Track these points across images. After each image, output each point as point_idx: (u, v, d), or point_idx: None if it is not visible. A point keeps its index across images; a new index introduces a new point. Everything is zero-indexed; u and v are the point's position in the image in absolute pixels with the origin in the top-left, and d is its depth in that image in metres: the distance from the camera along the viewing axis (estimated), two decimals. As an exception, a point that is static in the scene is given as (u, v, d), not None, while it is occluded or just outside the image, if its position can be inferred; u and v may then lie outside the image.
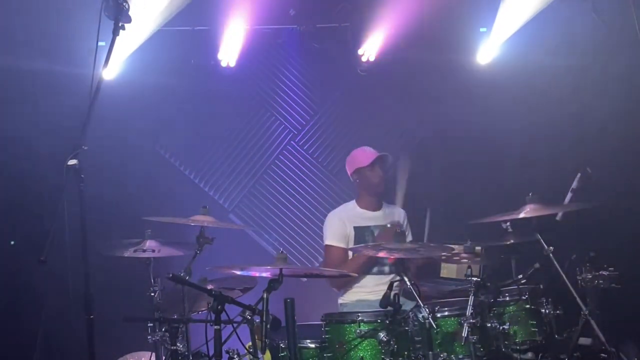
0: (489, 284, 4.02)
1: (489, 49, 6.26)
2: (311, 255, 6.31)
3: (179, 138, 6.31)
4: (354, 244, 4.88)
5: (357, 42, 6.25)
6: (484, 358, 3.87)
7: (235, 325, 3.40)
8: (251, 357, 3.44)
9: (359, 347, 3.81)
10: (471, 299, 3.82)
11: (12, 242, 5.43)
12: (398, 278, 3.89)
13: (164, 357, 4.07)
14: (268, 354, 3.74)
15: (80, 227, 3.02)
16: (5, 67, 5.36)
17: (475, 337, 3.78)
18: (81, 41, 4.63)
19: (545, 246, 4.23)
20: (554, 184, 5.19)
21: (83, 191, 3.02)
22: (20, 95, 5.57)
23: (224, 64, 6.13)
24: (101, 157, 5.17)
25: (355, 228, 4.95)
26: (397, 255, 3.89)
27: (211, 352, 3.32)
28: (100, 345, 3.06)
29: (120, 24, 3.30)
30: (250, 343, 3.46)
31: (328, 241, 4.98)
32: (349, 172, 5.14)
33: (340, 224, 4.97)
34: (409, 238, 5.13)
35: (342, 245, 4.92)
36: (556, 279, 4.19)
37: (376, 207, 5.08)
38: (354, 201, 5.14)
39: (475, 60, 6.33)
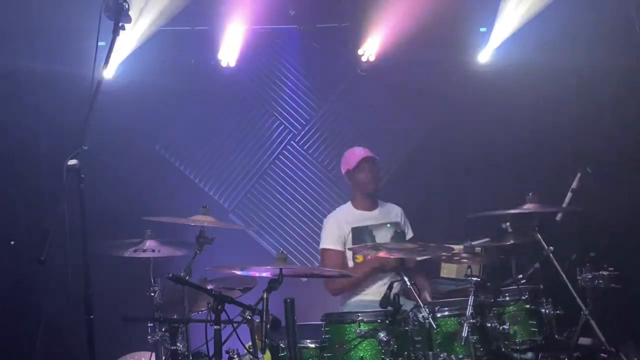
0: (489, 284, 4.03)
1: (489, 49, 6.26)
2: (311, 255, 6.31)
3: (179, 138, 6.31)
4: (353, 245, 4.88)
5: (357, 42, 6.25)
6: (484, 358, 3.87)
7: (235, 325, 3.40)
8: (251, 357, 3.43)
9: (359, 347, 3.80)
10: (471, 299, 3.82)
11: (12, 242, 5.42)
12: (398, 278, 3.89)
13: (164, 357, 4.07)
14: (268, 354, 3.74)
15: (80, 227, 3.02)
16: (5, 67, 5.36)
17: (475, 337, 3.77)
18: (81, 41, 4.62)
19: (545, 246, 4.23)
20: (554, 184, 5.19)
21: (83, 191, 3.02)
22: (20, 95, 5.56)
23: (224, 64, 6.13)
24: (101, 157, 5.18)
25: (353, 229, 4.96)
26: (397, 256, 3.88)
27: (211, 352, 3.32)
28: (100, 345, 3.05)
29: (120, 24, 3.29)
30: (250, 343, 3.46)
31: (324, 245, 4.99)
32: (344, 174, 5.20)
33: (337, 227, 4.98)
34: (409, 235, 5.13)
35: (338, 248, 4.93)
36: (556, 279, 4.19)
37: (372, 207, 5.10)
38: (349, 202, 5.17)
39: (475, 60, 6.33)
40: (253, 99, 6.46)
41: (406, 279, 3.80)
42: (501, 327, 3.95)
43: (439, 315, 3.93)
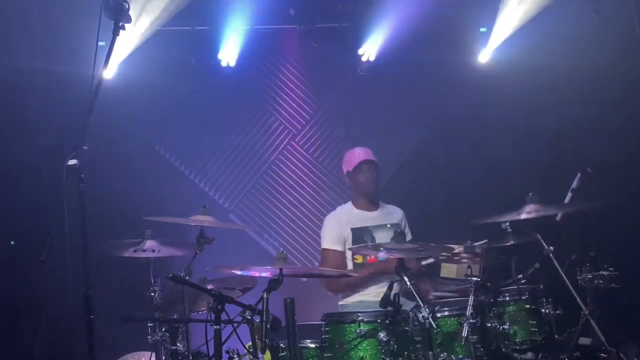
0: (489, 284, 4.02)
1: (489, 49, 6.26)
2: (311, 255, 6.30)
3: (179, 138, 6.31)
4: (352, 245, 4.88)
5: (357, 42, 6.25)
6: (484, 358, 3.87)
7: (235, 325, 3.40)
8: (251, 357, 3.43)
9: (359, 347, 3.80)
10: (471, 299, 3.82)
11: (12, 242, 5.42)
12: (398, 278, 3.89)
13: (164, 357, 4.07)
14: (268, 354, 3.74)
15: (80, 227, 3.02)
16: (5, 67, 5.36)
17: (475, 337, 3.77)
18: (81, 41, 4.62)
19: (545, 246, 4.23)
20: (554, 184, 5.19)
21: (83, 191, 3.02)
22: (20, 95, 5.56)
23: (224, 64, 6.13)
24: (101, 157, 5.17)
25: (353, 229, 4.96)
26: (397, 256, 3.88)
27: (211, 352, 3.32)
28: (100, 345, 3.06)
29: (120, 24, 3.29)
30: (250, 343, 3.46)
31: (325, 245, 4.98)
32: (344, 173, 5.21)
33: (337, 227, 4.97)
34: (409, 237, 5.13)
35: (338, 248, 4.93)
36: (556, 279, 4.19)
37: (372, 207, 5.09)
38: (350, 202, 5.16)
39: (475, 60, 6.33)
40: (253, 99, 6.46)
41: (406, 279, 3.80)
42: (501, 327, 3.95)
43: (439, 315, 3.93)
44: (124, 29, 3.32)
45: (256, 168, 6.41)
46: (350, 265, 4.95)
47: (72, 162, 3.00)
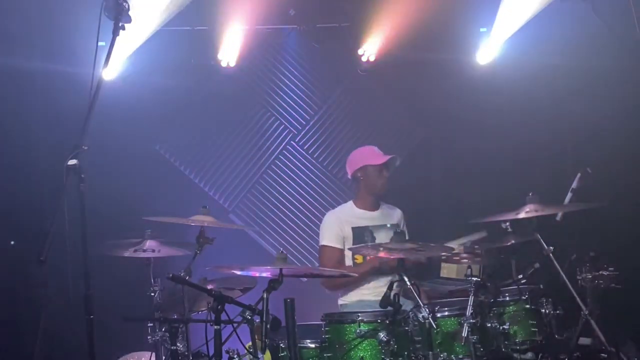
0: (489, 284, 4.03)
1: (489, 49, 6.26)
2: (311, 255, 6.30)
3: (179, 138, 6.31)
4: (353, 244, 4.87)
5: (357, 42, 6.25)
6: (484, 358, 3.87)
7: (235, 325, 3.40)
8: (251, 357, 3.43)
9: (359, 347, 3.80)
10: (471, 299, 3.82)
11: (12, 242, 5.42)
12: (398, 278, 3.89)
13: (164, 357, 4.08)
14: (268, 354, 3.74)
15: (80, 227, 3.02)
16: (5, 67, 5.36)
17: (475, 337, 3.77)
18: (81, 41, 4.62)
19: (545, 246, 4.23)
20: (554, 184, 5.19)
21: (83, 191, 3.02)
22: (20, 95, 5.56)
23: (224, 64, 6.13)
24: (101, 157, 5.17)
25: (354, 229, 4.94)
26: (397, 256, 3.88)
27: (211, 352, 3.32)
28: (100, 345, 3.05)
29: (120, 24, 3.30)
30: (250, 343, 3.46)
31: (323, 242, 4.96)
32: (351, 169, 5.04)
33: (337, 225, 4.95)
34: (406, 238, 5.12)
35: (337, 246, 4.91)
36: (556, 279, 4.19)
37: (374, 207, 5.07)
38: (351, 202, 5.12)
39: (475, 60, 6.33)
40: (253, 99, 6.46)
41: (406, 279, 3.80)
42: (501, 327, 3.95)
43: (439, 315, 3.93)
44: (124, 29, 3.32)
45: (256, 168, 6.41)
46: (349, 264, 4.93)
47: (72, 162, 3.00)
